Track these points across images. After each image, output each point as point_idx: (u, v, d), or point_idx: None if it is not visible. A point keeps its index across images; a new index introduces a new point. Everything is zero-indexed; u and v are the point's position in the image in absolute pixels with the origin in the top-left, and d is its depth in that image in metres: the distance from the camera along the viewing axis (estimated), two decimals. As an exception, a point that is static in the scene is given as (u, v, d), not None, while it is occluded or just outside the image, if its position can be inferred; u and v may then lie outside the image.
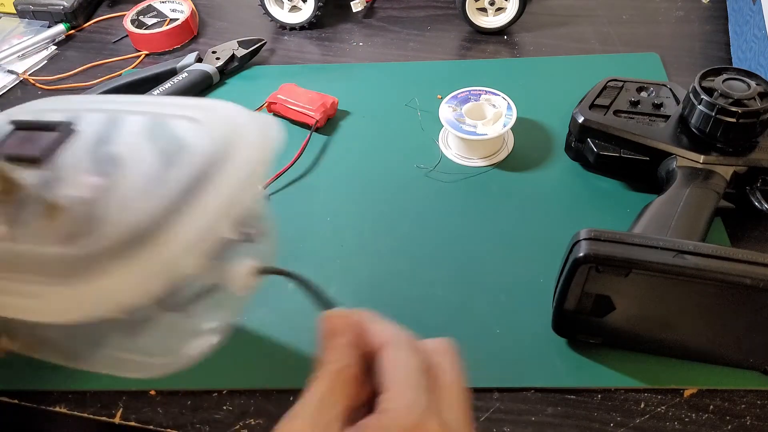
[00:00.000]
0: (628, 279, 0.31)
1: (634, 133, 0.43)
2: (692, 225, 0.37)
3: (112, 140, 0.31)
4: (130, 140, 0.31)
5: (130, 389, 0.36)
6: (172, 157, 0.30)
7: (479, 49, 0.59)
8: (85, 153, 0.30)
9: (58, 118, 0.32)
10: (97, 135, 0.31)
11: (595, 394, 0.35)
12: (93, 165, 0.30)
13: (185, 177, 0.28)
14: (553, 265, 0.35)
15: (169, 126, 0.32)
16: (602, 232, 0.32)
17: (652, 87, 0.46)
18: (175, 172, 0.28)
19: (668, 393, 0.35)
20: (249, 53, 0.58)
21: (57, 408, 0.36)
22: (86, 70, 0.60)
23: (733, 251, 0.31)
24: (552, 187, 0.46)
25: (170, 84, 0.54)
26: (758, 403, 0.34)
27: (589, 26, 0.61)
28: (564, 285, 0.33)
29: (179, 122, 0.31)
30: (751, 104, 0.39)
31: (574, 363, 0.36)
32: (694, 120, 0.41)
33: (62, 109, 0.34)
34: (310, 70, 0.58)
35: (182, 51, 0.62)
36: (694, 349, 0.35)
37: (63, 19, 0.65)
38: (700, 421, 0.34)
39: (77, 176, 0.29)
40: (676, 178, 0.40)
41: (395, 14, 0.65)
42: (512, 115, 0.47)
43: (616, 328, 0.34)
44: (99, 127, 0.32)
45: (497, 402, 0.35)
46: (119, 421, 0.35)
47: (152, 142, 0.31)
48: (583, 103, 0.45)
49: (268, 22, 0.63)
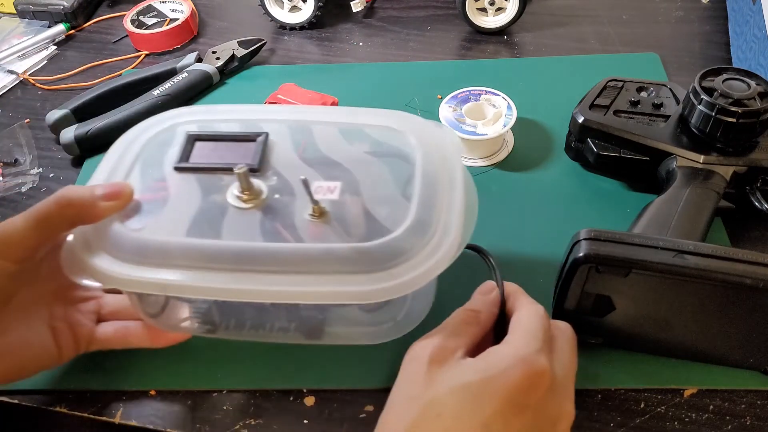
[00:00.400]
0: (628, 279, 0.31)
1: (634, 133, 0.43)
2: (692, 225, 0.37)
3: (315, 146, 0.35)
4: (335, 145, 0.35)
5: (130, 389, 0.36)
6: (391, 161, 0.34)
7: (479, 49, 0.59)
8: (293, 159, 0.34)
9: (225, 129, 0.36)
10: (293, 143, 0.35)
11: (595, 394, 0.35)
12: (309, 169, 0.33)
13: (419, 178, 0.32)
14: (552, 265, 0.35)
15: (366, 133, 0.36)
16: (602, 232, 0.32)
17: (652, 87, 0.46)
18: (405, 173, 0.33)
19: (668, 393, 0.35)
20: (249, 53, 0.58)
21: (57, 408, 0.36)
22: (86, 70, 0.60)
23: (733, 251, 0.31)
24: (552, 187, 0.46)
25: (170, 84, 0.54)
26: (758, 403, 0.34)
27: (589, 26, 0.61)
28: (564, 285, 0.33)
29: (375, 130, 0.36)
30: (751, 104, 0.39)
31: (574, 363, 0.36)
32: (694, 120, 0.41)
33: (218, 119, 0.37)
34: (310, 70, 0.58)
35: (182, 51, 0.62)
36: (694, 349, 0.35)
37: (63, 19, 0.65)
38: (700, 421, 0.34)
39: (315, 182, 0.32)
40: (676, 178, 0.40)
41: (395, 14, 0.65)
42: (512, 115, 0.47)
43: (615, 328, 0.34)
44: (289, 136, 0.36)
45: (497, 402, 0.35)
46: (119, 421, 0.35)
47: (358, 147, 0.35)
48: (583, 103, 0.45)
49: (268, 22, 0.63)
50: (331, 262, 0.29)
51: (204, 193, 0.33)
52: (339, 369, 0.36)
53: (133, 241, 0.30)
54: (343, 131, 0.36)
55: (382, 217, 0.31)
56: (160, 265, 0.30)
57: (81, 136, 0.50)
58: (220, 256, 0.29)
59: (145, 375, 0.37)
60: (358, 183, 0.33)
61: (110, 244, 0.31)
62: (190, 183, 0.33)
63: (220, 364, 0.37)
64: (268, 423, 0.35)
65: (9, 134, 0.53)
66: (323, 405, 0.35)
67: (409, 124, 0.36)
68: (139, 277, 0.29)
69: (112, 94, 0.54)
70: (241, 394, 0.36)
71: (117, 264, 0.30)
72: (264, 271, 0.29)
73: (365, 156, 0.35)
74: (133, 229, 0.31)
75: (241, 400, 0.36)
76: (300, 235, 0.30)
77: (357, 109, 0.37)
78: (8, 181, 0.50)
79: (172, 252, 0.30)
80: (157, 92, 0.53)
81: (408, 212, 0.31)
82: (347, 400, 0.35)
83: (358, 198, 0.32)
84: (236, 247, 0.30)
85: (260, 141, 0.34)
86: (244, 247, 0.30)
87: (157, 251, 0.30)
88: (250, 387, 0.36)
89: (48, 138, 0.53)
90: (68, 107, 0.52)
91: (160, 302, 0.35)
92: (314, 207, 0.31)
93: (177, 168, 0.34)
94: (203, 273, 0.29)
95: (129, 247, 0.30)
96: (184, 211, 0.32)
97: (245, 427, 0.35)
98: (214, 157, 0.34)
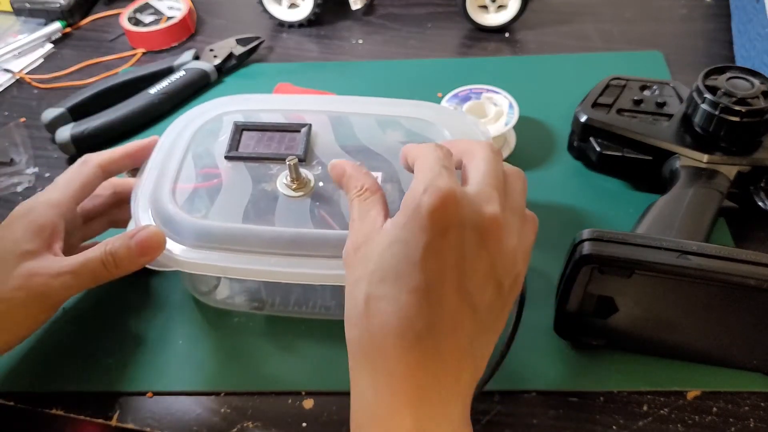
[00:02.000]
0: (631, 280, 0.31)
1: (637, 132, 0.42)
2: (696, 225, 0.36)
3: (354, 137, 0.37)
4: (373, 136, 0.37)
5: (127, 391, 0.36)
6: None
7: (480, 47, 0.59)
8: (335, 149, 0.36)
9: (267, 119, 0.38)
10: (334, 133, 0.37)
11: (598, 396, 0.35)
12: (351, 159, 0.35)
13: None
14: (555, 266, 0.35)
15: (402, 124, 0.38)
16: (605, 232, 0.32)
17: (655, 85, 0.45)
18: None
19: (671, 395, 0.34)
20: (247, 51, 0.58)
21: (53, 410, 0.36)
22: (82, 69, 0.59)
23: (737, 252, 0.31)
24: (554, 186, 0.45)
25: (168, 82, 0.54)
26: (762, 405, 0.34)
27: (592, 24, 0.60)
28: (566, 286, 0.33)
29: (409, 122, 0.38)
30: (755, 103, 0.38)
31: (576, 365, 0.36)
32: (698, 119, 0.40)
33: (260, 109, 0.39)
34: (309, 68, 0.58)
35: (180, 49, 0.61)
36: (698, 351, 0.35)
37: (59, 17, 0.64)
38: (703, 423, 0.33)
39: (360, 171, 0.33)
40: (680, 177, 0.39)
41: (395, 11, 0.64)
42: (514, 113, 0.46)
43: (618, 329, 0.34)
44: (329, 126, 0.38)
45: (498, 405, 0.35)
46: (116, 423, 0.35)
47: (394, 138, 0.37)
48: (586, 101, 0.45)
49: (267, 19, 0.63)
50: None
51: (255, 181, 0.35)
52: (338, 371, 0.36)
53: (196, 226, 0.33)
54: (380, 122, 0.38)
55: None
56: (220, 249, 0.32)
57: (77, 135, 0.50)
58: (276, 242, 0.32)
59: (142, 377, 0.36)
60: (397, 173, 0.35)
61: (173, 228, 0.33)
62: (241, 171, 0.36)
63: (218, 366, 0.37)
64: (267, 426, 0.34)
65: (4, 133, 0.53)
66: (322, 408, 0.35)
67: (442, 117, 0.38)
68: (202, 260, 0.32)
69: (108, 92, 0.54)
70: (239, 397, 0.36)
71: (179, 247, 0.33)
72: (316, 256, 0.32)
73: (402, 146, 0.36)
74: (194, 215, 0.33)
75: (239, 403, 0.35)
76: (347, 222, 0.32)
77: (392, 100, 0.40)
78: (3, 181, 0.49)
79: (232, 237, 0.32)
80: (154, 91, 0.53)
81: None
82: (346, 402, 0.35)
83: (399, 186, 0.34)
84: (291, 233, 0.33)
85: (304, 132, 0.37)
86: (297, 233, 0.33)
87: (219, 236, 0.33)
88: (248, 389, 0.36)
89: (44, 137, 0.53)
90: (64, 106, 0.52)
91: (212, 281, 0.38)
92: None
93: (228, 157, 0.36)
94: (260, 257, 0.32)
95: (191, 231, 0.33)
96: (238, 198, 0.34)
97: (243, 430, 0.34)
98: (262, 146, 0.37)
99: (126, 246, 0.32)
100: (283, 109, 0.39)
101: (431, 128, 0.38)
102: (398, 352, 0.24)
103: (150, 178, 0.35)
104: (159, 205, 0.34)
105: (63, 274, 0.31)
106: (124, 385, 0.36)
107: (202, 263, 0.32)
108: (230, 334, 0.38)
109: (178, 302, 0.40)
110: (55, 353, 0.38)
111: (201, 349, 0.38)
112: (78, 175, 0.36)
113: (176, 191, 0.35)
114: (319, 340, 0.38)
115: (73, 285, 0.32)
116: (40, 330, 0.38)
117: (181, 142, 0.37)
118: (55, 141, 0.50)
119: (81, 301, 0.40)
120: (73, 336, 0.38)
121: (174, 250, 0.33)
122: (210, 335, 0.38)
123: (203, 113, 0.39)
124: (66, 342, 0.38)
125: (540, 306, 0.37)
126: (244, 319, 0.39)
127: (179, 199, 0.34)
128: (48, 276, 0.31)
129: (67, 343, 0.38)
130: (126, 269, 0.32)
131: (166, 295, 0.40)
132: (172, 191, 0.35)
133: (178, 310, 0.40)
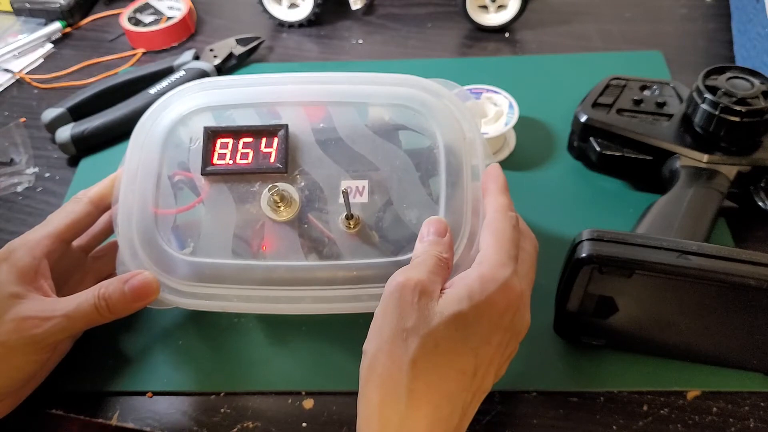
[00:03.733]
0: (631, 280, 0.31)
1: (637, 132, 0.42)
2: (696, 225, 0.36)
3: (335, 134, 0.35)
4: (355, 133, 0.35)
5: (127, 391, 0.36)
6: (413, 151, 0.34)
7: (480, 47, 0.59)
8: (317, 153, 0.34)
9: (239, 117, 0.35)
10: (312, 131, 0.35)
11: (598, 396, 0.35)
12: (335, 165, 0.34)
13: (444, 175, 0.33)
14: (555, 266, 0.35)
15: (384, 118, 0.35)
16: (605, 232, 0.31)
17: (655, 85, 0.45)
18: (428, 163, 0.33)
19: (671, 395, 0.34)
20: (247, 51, 0.58)
21: (53, 410, 0.36)
22: (82, 69, 0.59)
23: (736, 252, 0.31)
24: (554, 186, 0.45)
25: (167, 82, 0.54)
26: (762, 405, 0.34)
27: (592, 24, 0.60)
28: (566, 286, 0.33)
29: (393, 110, 0.35)
30: (755, 103, 0.38)
31: (577, 365, 0.36)
32: (698, 119, 0.40)
33: (231, 104, 0.36)
34: (309, 68, 0.58)
35: (180, 49, 0.61)
36: (698, 351, 0.35)
37: (59, 17, 0.64)
38: (703, 423, 0.33)
39: (343, 182, 0.33)
40: (680, 177, 0.39)
41: (395, 11, 0.64)
42: (514, 113, 0.46)
43: (618, 329, 0.34)
44: (308, 123, 0.35)
45: (499, 405, 0.35)
46: (116, 423, 0.35)
47: (378, 134, 0.34)
48: (586, 101, 0.45)
49: (267, 19, 0.63)
50: (369, 279, 0.32)
51: (237, 202, 0.34)
52: (338, 371, 0.36)
53: (188, 265, 0.33)
54: (361, 112, 0.35)
55: (413, 223, 0.33)
56: (215, 285, 0.32)
57: (77, 135, 0.50)
58: (269, 278, 0.32)
59: (141, 377, 0.36)
60: (385, 181, 0.34)
61: (165, 267, 0.33)
62: (222, 190, 0.34)
63: (218, 366, 0.37)
64: (267, 426, 0.34)
65: (4, 133, 0.53)
66: (322, 407, 0.35)
67: (426, 99, 0.35)
68: (200, 299, 0.32)
69: (108, 92, 0.54)
70: (239, 397, 0.36)
71: (175, 283, 0.33)
72: (313, 287, 0.32)
73: (387, 146, 0.35)
74: (183, 251, 0.33)
75: (239, 403, 0.35)
76: (339, 248, 0.33)
77: (370, 77, 0.36)
78: (3, 181, 0.49)
79: (225, 276, 0.32)
80: (154, 91, 0.53)
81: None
82: (346, 402, 0.35)
83: (387, 196, 0.33)
84: (283, 268, 0.32)
85: (281, 136, 0.34)
86: (290, 268, 0.32)
87: (211, 275, 0.33)
88: (248, 389, 0.36)
89: (44, 137, 0.53)
90: (64, 106, 0.52)
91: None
92: (349, 221, 0.33)
93: (204, 173, 0.34)
94: (256, 291, 0.32)
95: (184, 270, 0.33)
96: (223, 225, 0.34)
97: (243, 429, 0.34)
98: (238, 155, 0.34)
99: (119, 291, 0.32)
100: (254, 103, 0.36)
101: (417, 117, 0.35)
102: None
103: (128, 203, 0.34)
104: (146, 240, 0.33)
105: (55, 318, 0.31)
106: (124, 385, 0.36)
107: (199, 302, 0.32)
108: (230, 334, 0.38)
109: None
110: (55, 353, 0.38)
111: (201, 349, 0.38)
112: (67, 213, 0.35)
113: (158, 219, 0.33)
114: (319, 340, 0.38)
115: (67, 327, 0.31)
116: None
117: (153, 156, 0.34)
118: (55, 141, 0.50)
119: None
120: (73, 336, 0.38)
121: (169, 288, 0.33)
122: (210, 335, 0.38)
123: (167, 111, 0.36)
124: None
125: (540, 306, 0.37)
126: (244, 319, 0.39)
127: (163, 231, 0.33)
128: (40, 319, 0.31)
129: (67, 343, 0.38)
130: (120, 314, 0.32)
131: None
132: (155, 220, 0.33)
133: (178, 310, 0.39)
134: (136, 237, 0.33)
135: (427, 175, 0.34)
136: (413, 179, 0.33)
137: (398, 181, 0.33)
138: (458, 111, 0.35)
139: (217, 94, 0.36)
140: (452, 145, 0.34)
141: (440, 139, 0.34)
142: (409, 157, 0.34)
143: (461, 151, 0.34)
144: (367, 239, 0.33)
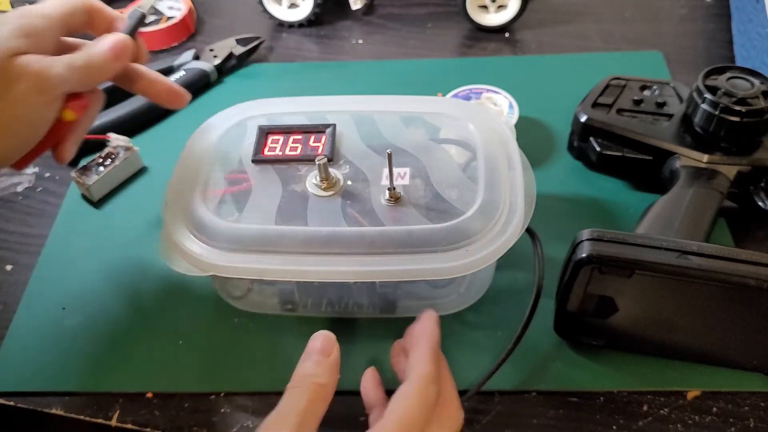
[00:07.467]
0: (631, 280, 0.31)
1: (637, 132, 0.42)
2: (696, 225, 0.36)
3: (379, 135, 0.38)
4: (398, 133, 0.38)
5: (126, 391, 0.36)
6: (452, 146, 0.37)
7: (480, 47, 0.59)
8: (361, 148, 0.37)
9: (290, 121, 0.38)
10: (359, 132, 0.38)
11: (598, 396, 0.35)
12: (378, 156, 0.36)
13: (482, 161, 0.35)
14: (555, 266, 0.35)
15: (426, 120, 0.39)
16: (605, 232, 0.32)
17: (655, 85, 0.45)
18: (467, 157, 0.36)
19: (671, 395, 0.34)
20: (247, 51, 0.58)
21: (53, 410, 0.36)
22: (83, 68, 0.59)
23: (736, 252, 0.31)
24: (554, 186, 0.45)
25: (168, 82, 0.53)
26: (762, 405, 0.34)
27: (592, 24, 0.60)
28: (566, 286, 0.33)
29: (433, 117, 0.39)
30: (755, 103, 0.38)
31: (576, 365, 0.36)
32: (698, 119, 0.40)
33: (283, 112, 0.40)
34: (309, 68, 0.58)
35: (179, 49, 0.61)
36: (698, 351, 0.35)
37: (60, 17, 0.64)
38: (703, 423, 0.33)
39: (385, 169, 0.34)
40: (680, 177, 0.39)
41: (395, 11, 0.64)
42: (514, 113, 0.46)
43: (618, 329, 0.34)
44: (354, 126, 0.38)
45: (498, 405, 0.35)
46: (116, 423, 0.35)
47: (419, 134, 0.38)
48: (586, 101, 0.45)
49: (267, 19, 0.63)
50: (410, 243, 0.32)
51: (284, 183, 0.35)
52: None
53: (230, 230, 0.33)
54: (404, 119, 0.39)
55: (453, 199, 0.34)
56: (255, 251, 0.32)
57: (77, 134, 0.50)
58: (311, 242, 0.32)
59: (142, 377, 0.36)
60: (425, 168, 0.36)
61: (207, 233, 0.33)
62: (269, 174, 0.36)
63: (218, 366, 0.37)
64: (267, 426, 0.34)
65: (5, 133, 0.53)
66: (322, 407, 0.35)
67: (465, 111, 0.39)
68: (238, 264, 0.32)
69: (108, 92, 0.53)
70: (239, 397, 0.36)
71: (214, 251, 0.32)
72: (350, 253, 0.32)
73: (428, 142, 0.37)
74: (226, 219, 0.34)
75: (238, 403, 0.35)
76: (380, 218, 0.33)
77: (412, 97, 0.40)
78: (3, 181, 0.49)
79: (267, 239, 0.32)
80: (154, 90, 0.53)
81: (476, 194, 0.34)
82: (346, 403, 0.35)
83: (428, 181, 0.35)
84: (325, 232, 0.33)
85: (329, 132, 0.37)
86: (332, 232, 0.33)
87: (253, 239, 0.32)
88: (248, 390, 0.36)
89: (44, 137, 0.53)
90: (65, 106, 0.52)
91: (245, 285, 0.38)
92: (391, 192, 0.34)
93: (255, 160, 0.36)
94: (295, 257, 0.32)
95: (225, 235, 0.33)
96: (269, 200, 0.35)
97: (243, 430, 0.34)
98: (288, 148, 0.37)
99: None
100: (305, 111, 0.39)
101: (455, 123, 0.38)
102: None
103: (180, 186, 0.35)
104: (191, 212, 0.34)
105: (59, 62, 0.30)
106: (124, 385, 0.36)
107: (238, 267, 0.32)
108: (230, 334, 0.38)
109: (178, 302, 0.40)
110: (56, 353, 0.38)
111: (201, 349, 0.38)
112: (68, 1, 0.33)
113: (207, 198, 0.35)
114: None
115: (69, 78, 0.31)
116: (41, 330, 0.39)
117: (207, 150, 0.37)
118: (55, 141, 0.50)
119: (81, 300, 0.40)
120: (73, 336, 0.38)
121: (209, 255, 0.32)
122: (210, 335, 0.38)
123: (226, 119, 0.39)
124: (66, 342, 0.38)
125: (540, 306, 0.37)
126: (245, 319, 0.39)
127: (210, 205, 0.34)
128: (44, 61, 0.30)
129: (67, 343, 0.38)
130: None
131: (166, 295, 0.40)
132: (203, 198, 0.35)
133: (178, 310, 0.40)
134: (180, 209, 0.34)
135: (465, 164, 0.36)
136: (452, 165, 0.36)
137: (438, 168, 0.36)
138: (489, 115, 0.39)
139: (272, 104, 0.40)
140: (488, 145, 0.36)
141: (477, 138, 0.37)
142: (448, 151, 0.37)
143: (497, 149, 0.36)
144: (407, 211, 0.34)
